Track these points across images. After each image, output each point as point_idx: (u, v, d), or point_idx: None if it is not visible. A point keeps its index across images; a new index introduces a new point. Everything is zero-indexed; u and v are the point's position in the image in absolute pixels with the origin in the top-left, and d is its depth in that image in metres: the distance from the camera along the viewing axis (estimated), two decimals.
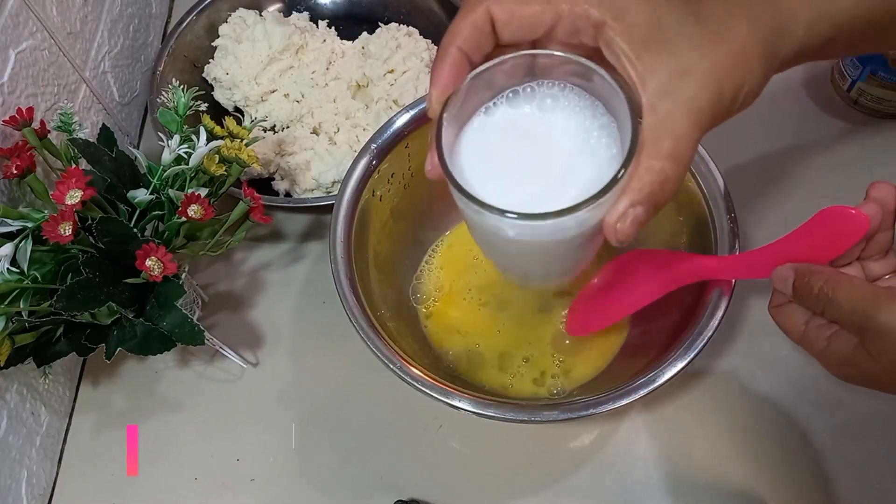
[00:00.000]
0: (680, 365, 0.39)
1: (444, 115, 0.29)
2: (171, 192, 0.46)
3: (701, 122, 0.26)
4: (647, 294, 0.45)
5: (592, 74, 0.27)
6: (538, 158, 0.29)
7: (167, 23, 0.74)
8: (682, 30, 0.26)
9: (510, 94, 0.30)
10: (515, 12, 0.27)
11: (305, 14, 0.69)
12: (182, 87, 0.51)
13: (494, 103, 0.31)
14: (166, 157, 0.47)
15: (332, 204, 0.47)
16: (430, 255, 0.55)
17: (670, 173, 0.26)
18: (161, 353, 0.44)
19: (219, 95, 0.66)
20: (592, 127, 0.28)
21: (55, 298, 0.39)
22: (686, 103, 0.26)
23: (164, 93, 0.54)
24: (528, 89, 0.30)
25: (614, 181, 0.25)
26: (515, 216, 0.26)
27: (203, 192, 0.45)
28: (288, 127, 0.64)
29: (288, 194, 0.60)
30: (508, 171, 0.29)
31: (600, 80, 0.26)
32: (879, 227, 0.33)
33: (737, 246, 0.43)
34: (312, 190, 0.60)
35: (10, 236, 0.41)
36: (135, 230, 0.43)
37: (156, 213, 0.46)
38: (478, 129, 0.31)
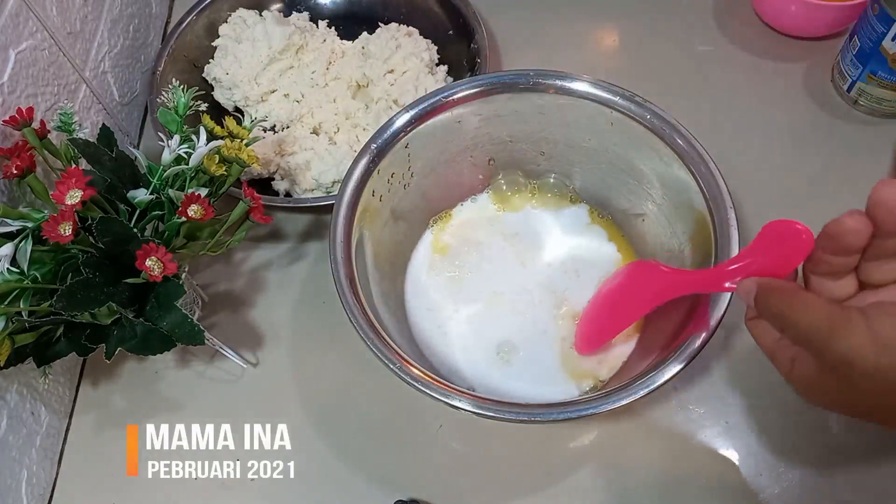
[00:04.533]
0: (680, 365, 0.39)
1: None
2: (171, 192, 0.45)
3: None
4: (637, 309, 0.45)
5: None
6: None
7: (167, 23, 0.74)
8: None
9: None
10: None
11: (305, 14, 0.69)
12: (182, 87, 0.51)
13: None
14: (166, 157, 0.47)
15: (332, 204, 0.47)
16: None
17: None
18: (161, 353, 0.44)
19: (219, 95, 0.66)
20: None
21: (55, 298, 0.39)
22: None
23: (164, 93, 0.54)
24: None
25: None
26: None
27: (203, 192, 0.45)
28: (288, 127, 0.64)
29: (288, 194, 0.60)
30: None
31: None
32: (875, 233, 0.29)
33: (736, 247, 0.43)
34: (312, 190, 0.60)
35: (10, 236, 0.41)
36: (135, 230, 0.43)
37: (156, 213, 0.46)
38: None
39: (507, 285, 0.53)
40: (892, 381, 0.27)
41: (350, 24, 0.69)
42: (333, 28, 0.69)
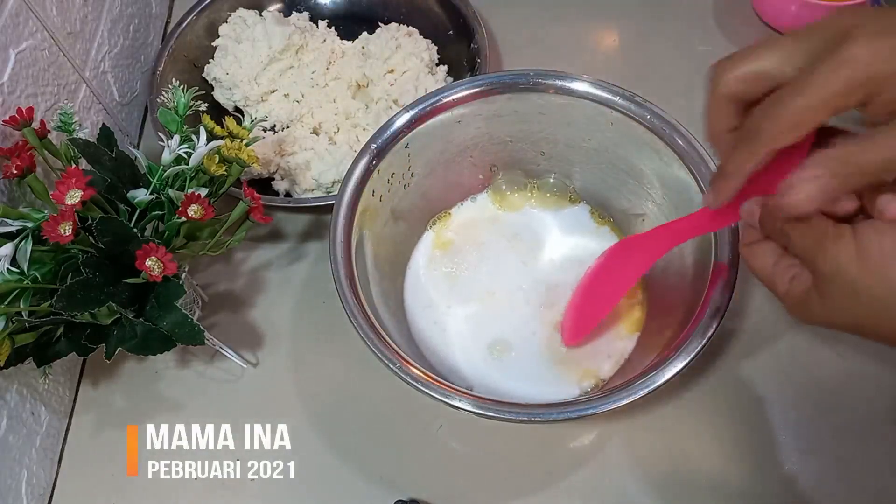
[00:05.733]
0: (680, 365, 0.39)
1: None
2: (171, 192, 0.46)
3: None
4: (621, 286, 0.45)
5: None
6: None
7: (167, 23, 0.74)
8: None
9: None
10: None
11: (305, 14, 0.69)
12: (182, 87, 0.51)
13: None
14: (166, 157, 0.47)
15: (332, 204, 0.47)
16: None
17: None
18: (161, 353, 0.44)
19: (219, 95, 0.66)
20: None
21: (55, 298, 0.39)
22: None
23: (164, 93, 0.54)
24: None
25: None
26: None
27: (203, 192, 0.45)
28: (288, 127, 0.64)
29: (288, 194, 0.60)
30: None
31: None
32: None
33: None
34: (312, 190, 0.60)
35: (10, 236, 0.41)
36: (135, 230, 0.43)
37: (156, 213, 0.46)
38: None
39: (504, 284, 0.53)
40: (875, 297, 0.28)
41: (350, 24, 0.69)
42: (333, 28, 0.69)
